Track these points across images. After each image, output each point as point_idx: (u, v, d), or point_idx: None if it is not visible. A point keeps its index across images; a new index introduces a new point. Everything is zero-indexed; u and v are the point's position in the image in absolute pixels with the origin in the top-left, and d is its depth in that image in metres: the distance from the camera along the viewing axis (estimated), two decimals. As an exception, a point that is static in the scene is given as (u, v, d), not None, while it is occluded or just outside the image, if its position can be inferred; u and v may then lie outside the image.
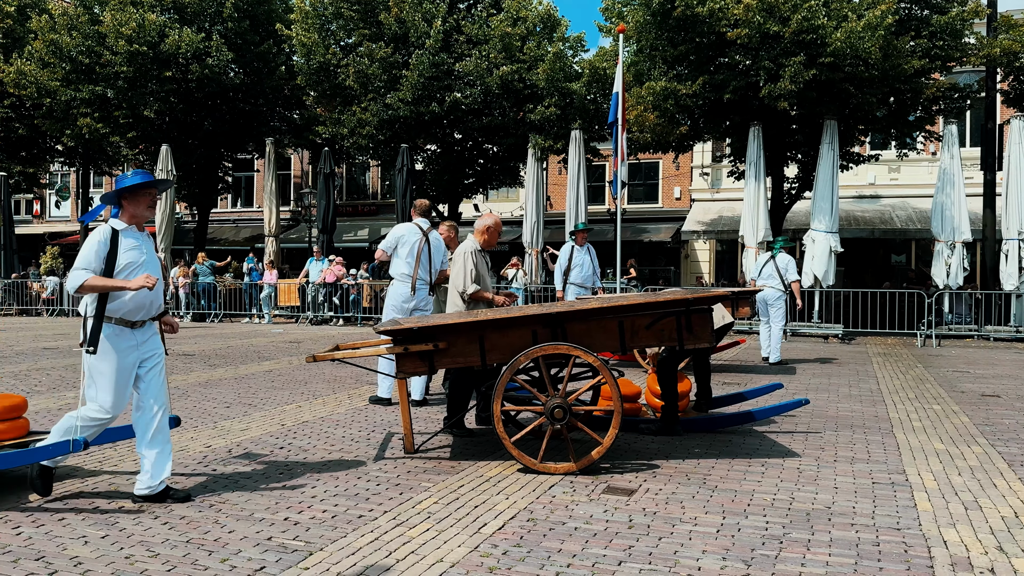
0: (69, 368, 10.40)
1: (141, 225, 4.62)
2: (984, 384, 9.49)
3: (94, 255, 4.36)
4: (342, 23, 22.16)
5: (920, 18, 16.52)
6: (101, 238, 4.40)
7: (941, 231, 15.91)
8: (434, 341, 5.29)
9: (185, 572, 3.53)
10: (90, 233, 4.48)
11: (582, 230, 12.23)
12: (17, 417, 5.07)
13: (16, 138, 26.74)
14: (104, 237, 4.41)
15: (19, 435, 5.04)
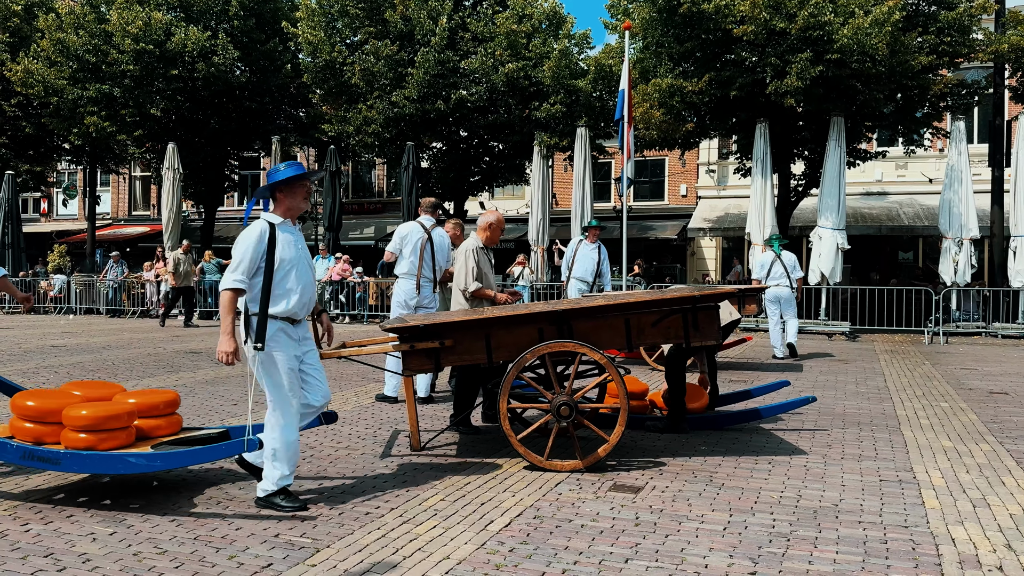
0: (77, 366, 10.44)
1: (295, 219, 4.53)
2: (992, 381, 9.45)
3: (250, 260, 4.24)
4: (348, 21, 22.17)
5: (927, 14, 16.45)
6: (258, 235, 4.28)
7: (949, 228, 15.85)
8: (440, 339, 5.29)
9: (193, 569, 3.54)
10: (246, 230, 4.34)
11: (594, 227, 12.23)
12: (172, 413, 5.00)
13: (23, 137, 26.84)
14: (261, 234, 4.29)
15: (174, 431, 4.97)
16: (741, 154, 20.64)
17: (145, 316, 21.01)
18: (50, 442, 4.55)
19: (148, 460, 4.39)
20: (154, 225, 30.79)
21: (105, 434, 4.47)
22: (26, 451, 4.41)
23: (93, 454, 4.37)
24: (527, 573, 3.51)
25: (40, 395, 4.84)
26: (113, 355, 11.74)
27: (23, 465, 4.60)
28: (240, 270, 4.24)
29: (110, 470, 4.43)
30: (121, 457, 4.37)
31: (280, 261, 4.30)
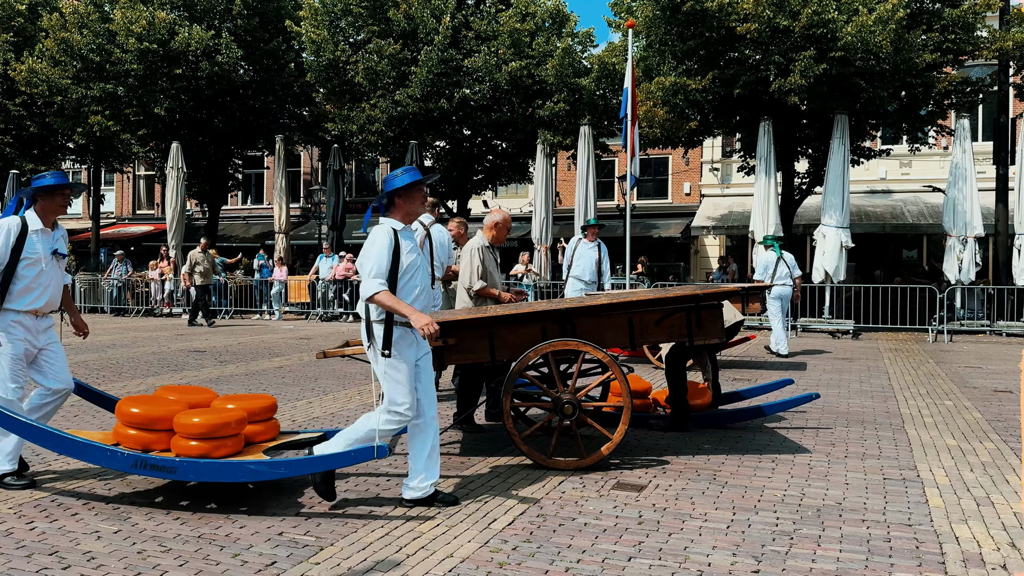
0: (81, 364, 10.46)
1: (412, 224, 4.58)
2: (996, 380, 9.43)
3: (386, 261, 4.26)
4: (351, 20, 22.17)
5: (932, 11, 16.39)
6: (388, 241, 4.29)
7: (953, 226, 15.81)
8: (443, 337, 5.29)
9: (197, 567, 3.55)
10: (372, 235, 4.34)
11: (592, 225, 12.19)
12: (270, 418, 4.96)
13: (28, 136, 26.89)
14: (390, 239, 4.31)
15: (273, 435, 4.94)
16: (745, 152, 20.61)
17: (149, 315, 21.05)
18: (158, 449, 4.49)
19: (271, 467, 4.32)
20: (158, 224, 30.83)
21: (218, 441, 4.43)
22: (138, 459, 4.32)
23: (212, 462, 4.32)
24: (530, 571, 3.52)
25: (144, 401, 4.76)
26: (118, 354, 11.77)
27: (133, 473, 4.49)
28: (378, 273, 4.24)
29: (230, 478, 4.34)
30: (241, 465, 4.31)
31: (404, 266, 4.33)
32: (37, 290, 4.75)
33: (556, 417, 5.22)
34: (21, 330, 4.69)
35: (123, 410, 4.62)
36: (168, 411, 4.60)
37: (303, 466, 4.31)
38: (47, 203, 4.81)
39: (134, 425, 4.57)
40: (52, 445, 4.46)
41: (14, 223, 4.68)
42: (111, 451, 4.37)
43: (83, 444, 4.42)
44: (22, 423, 4.49)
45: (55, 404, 4.92)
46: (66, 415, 6.94)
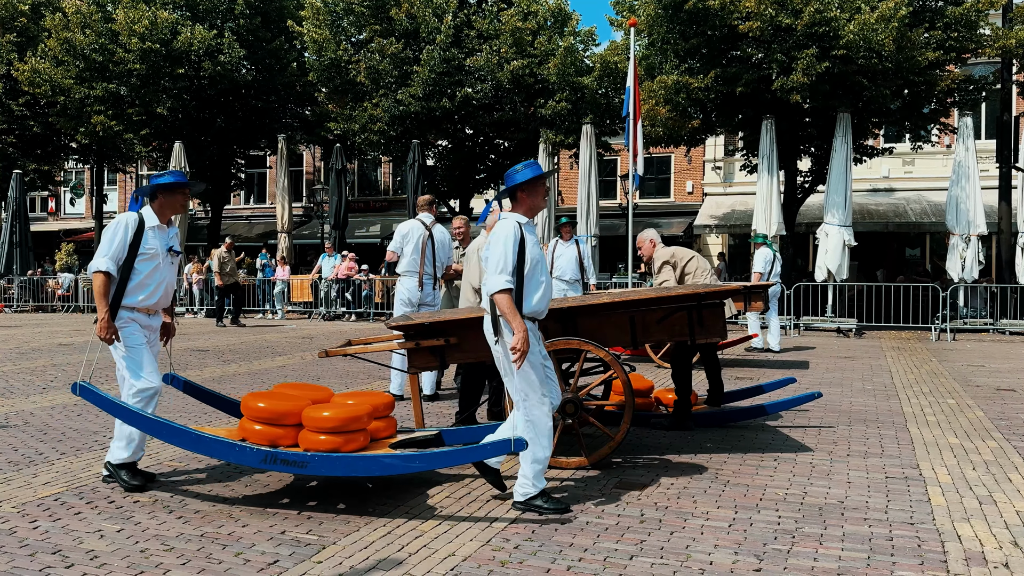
0: (83, 363, 10.48)
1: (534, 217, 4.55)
2: (999, 378, 9.42)
3: (513, 257, 4.21)
4: (353, 19, 22.20)
5: (934, 9, 16.38)
6: (515, 235, 4.26)
7: (956, 224, 15.79)
8: (445, 336, 5.29)
9: (199, 566, 3.56)
10: (500, 229, 4.29)
11: (565, 224, 12.12)
12: (389, 415, 4.95)
13: (31, 136, 26.96)
14: (516, 234, 4.25)
15: (392, 432, 4.92)
16: (747, 151, 20.60)
17: (152, 314, 21.06)
18: (285, 445, 4.44)
19: (405, 461, 4.25)
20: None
21: (349, 436, 4.40)
22: (268, 455, 4.27)
23: (345, 456, 4.28)
24: (532, 570, 3.52)
25: (269, 397, 4.70)
26: (120, 353, 11.78)
27: (261, 468, 4.44)
28: (504, 269, 4.20)
29: (363, 472, 4.29)
30: (375, 459, 4.27)
31: (530, 261, 4.31)
32: (151, 286, 4.72)
33: (558, 416, 5.22)
34: (136, 325, 4.68)
35: (249, 405, 4.56)
36: (296, 406, 4.55)
37: (439, 460, 4.28)
38: (167, 201, 4.81)
39: (261, 420, 4.50)
40: (178, 441, 4.43)
41: (131, 218, 4.68)
42: (239, 447, 4.32)
43: (211, 440, 4.38)
44: (148, 419, 4.47)
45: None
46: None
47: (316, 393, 4.94)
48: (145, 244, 4.68)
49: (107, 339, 4.57)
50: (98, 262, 4.61)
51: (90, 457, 5.48)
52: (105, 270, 4.59)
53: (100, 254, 4.62)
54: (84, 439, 6.03)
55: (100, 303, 4.57)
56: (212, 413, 6.91)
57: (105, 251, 4.61)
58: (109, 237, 4.64)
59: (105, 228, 4.71)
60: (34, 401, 7.66)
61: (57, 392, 8.20)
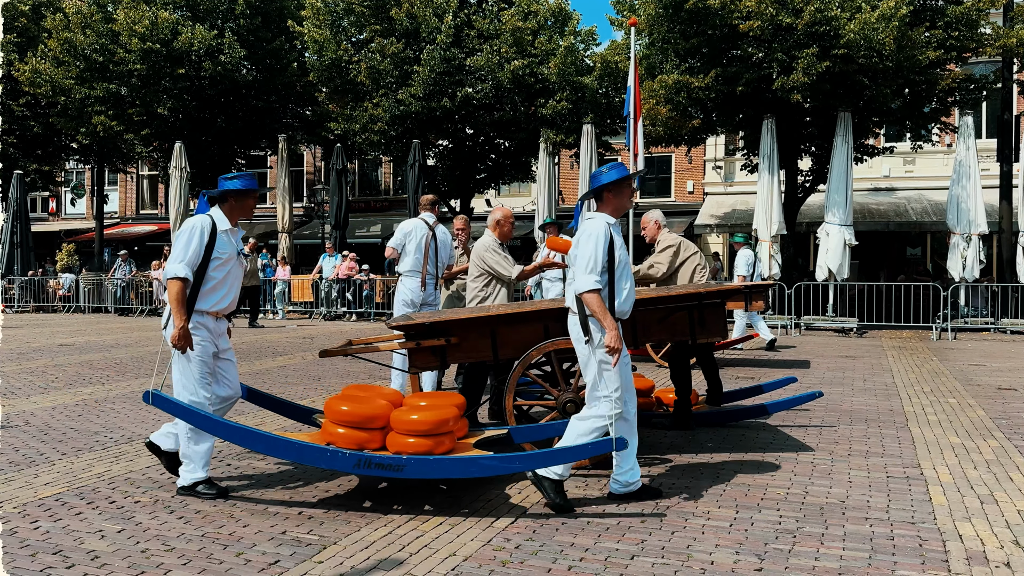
0: (85, 364, 10.49)
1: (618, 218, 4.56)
2: (1000, 377, 9.41)
3: (603, 256, 4.24)
4: (353, 19, 22.18)
5: (935, 8, 16.36)
6: (604, 235, 4.27)
7: (957, 224, 15.77)
8: (446, 336, 5.29)
9: (200, 566, 3.56)
10: (588, 229, 4.31)
11: (550, 224, 12.20)
12: (463, 416, 4.92)
13: (31, 136, 26.96)
14: (606, 233, 4.28)
15: (465, 433, 4.90)
16: (748, 150, 20.58)
17: (153, 314, 21.08)
18: (372, 448, 4.39)
19: (503, 462, 4.23)
20: (162, 224, 30.89)
21: (439, 438, 4.37)
22: (361, 459, 4.23)
23: (440, 458, 4.24)
24: (533, 570, 3.52)
25: (352, 400, 4.62)
26: (122, 353, 11.80)
27: (355, 473, 4.41)
28: (594, 269, 4.21)
29: (461, 473, 4.26)
30: (473, 460, 4.24)
31: (618, 261, 4.32)
32: (223, 290, 4.67)
33: (559, 416, 5.22)
34: (205, 332, 4.59)
35: (333, 408, 4.49)
36: (383, 409, 4.51)
37: (539, 460, 4.25)
38: (238, 204, 4.75)
39: (347, 424, 4.43)
40: (264, 447, 4.40)
41: (206, 222, 4.59)
42: (331, 452, 4.27)
43: (302, 446, 4.32)
44: (233, 427, 4.43)
45: (223, 411, 4.80)
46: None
47: (389, 396, 4.88)
48: (219, 248, 4.60)
49: (182, 347, 4.46)
50: (175, 268, 4.49)
51: (91, 457, 5.48)
52: (183, 276, 4.48)
53: (175, 259, 4.50)
54: (85, 439, 6.03)
55: (178, 310, 4.44)
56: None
57: (181, 256, 4.50)
58: (184, 242, 4.53)
59: (178, 233, 4.59)
60: (35, 401, 7.66)
61: (58, 392, 8.20)
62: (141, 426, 6.51)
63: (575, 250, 4.35)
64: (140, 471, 5.12)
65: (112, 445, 5.84)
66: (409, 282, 7.74)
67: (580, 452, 4.25)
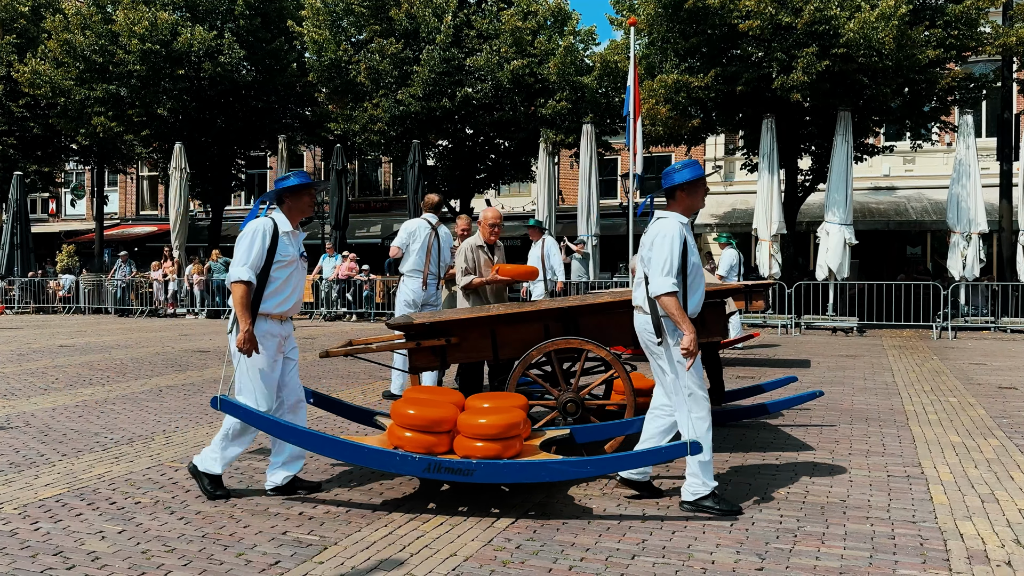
0: (85, 365, 10.48)
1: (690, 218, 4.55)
2: (1001, 376, 9.41)
3: (679, 259, 4.20)
4: (353, 19, 22.19)
5: (934, 7, 16.35)
6: (680, 235, 4.24)
7: (957, 222, 15.77)
8: (446, 336, 5.29)
9: (201, 567, 3.56)
10: (663, 229, 4.26)
11: (532, 227, 12.31)
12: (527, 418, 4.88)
13: (31, 137, 26.97)
14: (681, 234, 4.25)
15: (527, 434, 4.83)
16: (748, 150, 20.58)
17: (153, 315, 21.09)
18: (439, 452, 4.35)
19: (576, 467, 4.16)
20: (162, 224, 30.90)
21: (508, 442, 4.33)
22: (431, 463, 4.19)
23: (511, 463, 4.19)
24: (534, 570, 3.52)
25: (419, 403, 4.56)
26: (122, 354, 11.79)
27: (424, 477, 4.39)
28: (670, 271, 4.17)
29: (532, 479, 4.22)
30: (544, 464, 4.19)
31: (691, 262, 4.30)
32: (286, 291, 4.59)
33: (559, 416, 5.22)
34: (271, 335, 4.52)
35: (400, 412, 4.45)
36: (450, 412, 4.47)
37: (611, 464, 4.22)
38: (295, 204, 4.66)
39: (415, 428, 4.40)
40: (333, 452, 4.36)
41: (267, 224, 4.52)
42: (400, 456, 4.23)
43: (370, 451, 4.28)
44: (302, 432, 4.39)
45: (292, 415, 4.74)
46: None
47: (452, 397, 4.84)
48: (281, 251, 4.53)
49: (247, 351, 4.37)
50: (238, 271, 4.41)
51: (91, 458, 5.48)
52: (247, 279, 4.40)
53: (238, 263, 4.44)
54: (85, 440, 6.03)
55: (243, 314, 4.36)
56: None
57: (243, 259, 4.43)
58: (247, 245, 4.45)
59: (239, 236, 4.50)
60: (35, 403, 7.66)
61: (58, 393, 8.20)
62: (141, 427, 6.51)
63: (648, 252, 4.27)
64: (140, 472, 5.12)
65: (112, 446, 5.84)
66: (411, 282, 7.75)
67: (655, 456, 4.24)
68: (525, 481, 4.24)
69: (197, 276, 20.90)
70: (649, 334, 4.31)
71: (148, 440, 6.03)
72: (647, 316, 4.29)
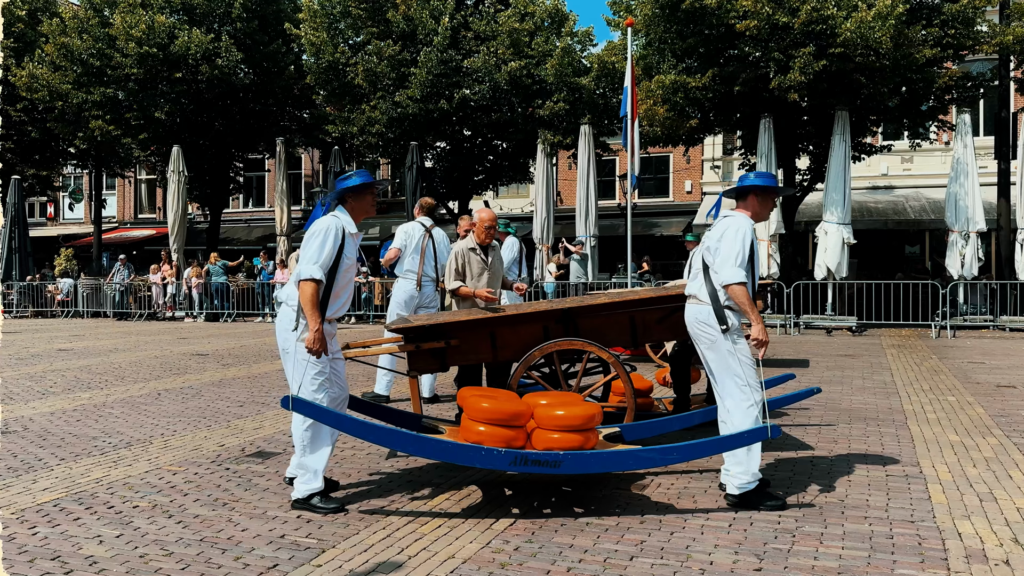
0: (84, 369, 10.47)
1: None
2: (999, 375, 9.41)
3: (747, 252, 4.32)
4: (350, 22, 22.20)
5: (931, 6, 16.37)
6: (750, 230, 4.37)
7: (955, 221, 15.78)
8: (446, 338, 5.28)
9: (199, 570, 3.55)
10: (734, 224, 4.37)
11: (502, 231, 12.29)
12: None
13: (29, 141, 26.96)
14: (751, 230, 4.40)
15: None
16: (745, 149, 20.59)
17: (152, 319, 21.08)
18: (518, 446, 4.32)
19: (662, 454, 4.28)
20: (160, 228, 30.89)
21: (587, 433, 4.35)
22: (517, 456, 4.19)
23: (598, 453, 4.23)
24: (532, 571, 3.51)
25: (491, 396, 4.53)
26: (120, 358, 11.79)
27: (510, 471, 4.37)
28: (741, 263, 4.29)
29: (618, 467, 4.30)
30: (631, 453, 4.26)
31: (756, 259, 4.42)
32: (344, 295, 4.54)
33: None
34: (328, 337, 4.44)
35: (476, 407, 4.39)
36: (527, 406, 4.44)
37: (695, 450, 4.27)
38: (357, 203, 4.60)
39: (492, 422, 4.33)
40: (414, 449, 4.34)
41: (338, 224, 4.42)
42: (486, 451, 4.20)
43: (453, 446, 4.26)
44: (381, 429, 4.35)
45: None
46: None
47: (508, 394, 4.78)
48: (347, 252, 4.45)
49: (318, 352, 4.28)
50: (310, 269, 4.30)
51: (89, 462, 5.47)
52: (319, 278, 4.30)
53: (310, 260, 4.32)
54: (83, 445, 6.02)
55: (312, 313, 4.25)
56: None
57: (315, 258, 4.32)
58: (319, 244, 4.34)
59: (309, 234, 4.39)
60: (33, 407, 7.65)
61: (56, 398, 8.19)
62: (140, 431, 6.51)
63: (717, 243, 4.38)
64: (139, 476, 5.12)
65: (111, 450, 5.83)
66: (405, 284, 7.76)
67: (736, 441, 4.27)
68: (612, 471, 4.26)
69: (195, 279, 20.89)
70: (704, 324, 4.40)
71: (146, 444, 6.03)
72: (705, 306, 4.41)
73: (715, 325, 4.34)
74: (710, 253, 4.43)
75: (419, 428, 5.11)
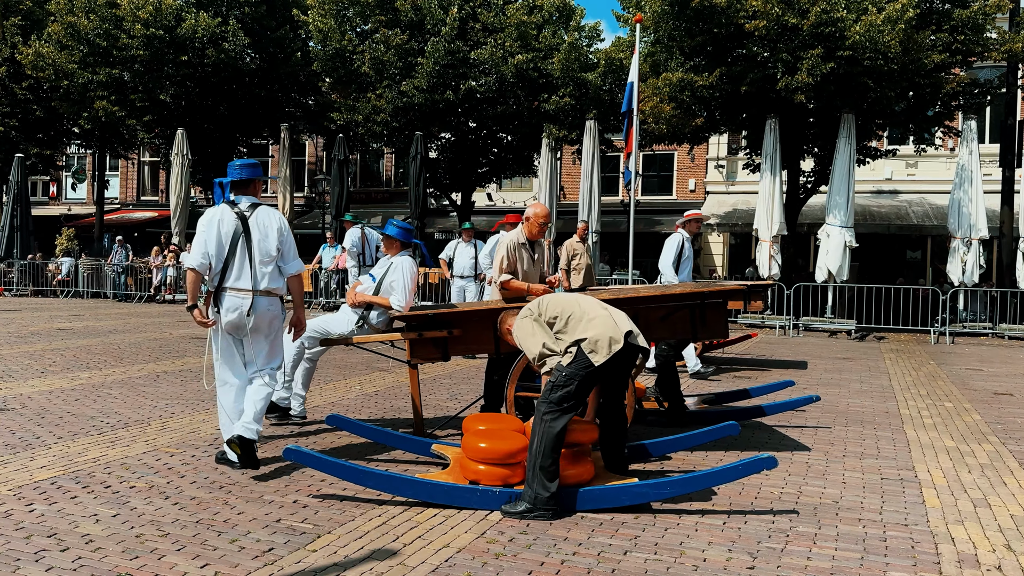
0: (83, 349, 10.49)
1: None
2: (997, 382, 9.42)
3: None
4: (358, 9, 22.15)
5: (941, 11, 16.32)
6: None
7: (958, 228, 15.77)
8: (448, 328, 5.29)
9: (194, 551, 3.57)
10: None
11: (467, 229, 12.78)
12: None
13: (33, 120, 26.92)
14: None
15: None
16: (750, 150, 20.57)
17: (152, 301, 21.08)
18: (516, 482, 4.33)
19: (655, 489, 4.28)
20: (162, 210, 30.87)
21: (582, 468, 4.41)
22: (512, 495, 4.19)
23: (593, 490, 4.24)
24: (526, 563, 3.53)
25: (488, 436, 4.48)
26: (119, 339, 11.80)
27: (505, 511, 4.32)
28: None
29: (612, 503, 4.21)
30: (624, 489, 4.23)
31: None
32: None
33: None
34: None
35: (473, 447, 4.39)
36: (521, 442, 4.41)
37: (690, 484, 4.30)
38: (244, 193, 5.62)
39: (489, 461, 4.37)
40: (411, 492, 4.28)
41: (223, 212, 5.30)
42: (482, 491, 4.23)
43: (450, 488, 4.26)
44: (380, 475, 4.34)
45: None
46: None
47: (509, 423, 4.78)
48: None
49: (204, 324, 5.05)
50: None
51: (87, 442, 5.49)
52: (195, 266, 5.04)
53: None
54: (81, 423, 6.04)
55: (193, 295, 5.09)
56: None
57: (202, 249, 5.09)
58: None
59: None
60: (32, 385, 7.67)
61: (55, 377, 8.20)
62: (137, 412, 6.52)
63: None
64: (136, 456, 5.13)
65: (108, 430, 5.85)
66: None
67: (732, 474, 4.30)
68: (604, 507, 4.20)
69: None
70: None
71: (144, 425, 6.04)
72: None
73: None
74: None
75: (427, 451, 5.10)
